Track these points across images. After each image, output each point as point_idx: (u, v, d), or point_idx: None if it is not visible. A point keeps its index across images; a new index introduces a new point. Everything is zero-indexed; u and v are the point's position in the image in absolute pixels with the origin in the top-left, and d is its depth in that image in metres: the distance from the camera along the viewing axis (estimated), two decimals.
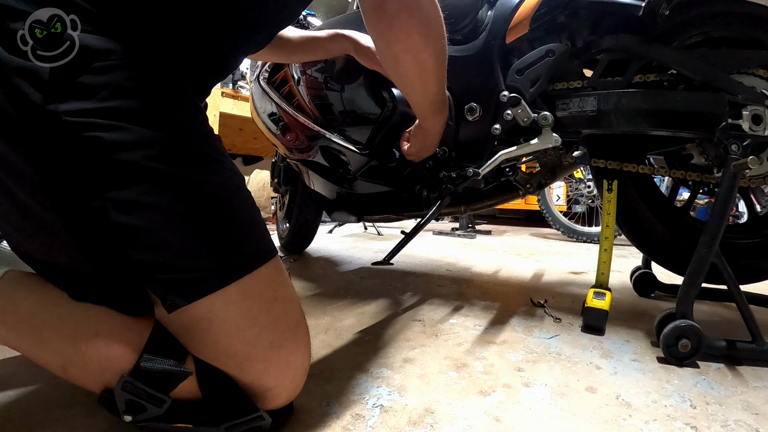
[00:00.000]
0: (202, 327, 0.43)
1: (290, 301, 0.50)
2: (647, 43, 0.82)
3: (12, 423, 0.51)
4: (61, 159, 0.40)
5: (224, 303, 0.44)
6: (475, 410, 0.57)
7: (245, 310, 0.45)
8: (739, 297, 0.73)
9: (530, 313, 1.02)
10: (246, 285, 0.45)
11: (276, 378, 0.47)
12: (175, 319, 0.44)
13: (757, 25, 0.84)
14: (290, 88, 1.21)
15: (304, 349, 0.50)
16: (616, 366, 0.72)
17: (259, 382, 0.46)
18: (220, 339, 0.44)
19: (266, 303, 0.47)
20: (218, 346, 0.44)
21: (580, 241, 2.56)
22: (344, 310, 1.01)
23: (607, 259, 0.93)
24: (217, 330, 0.44)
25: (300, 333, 0.50)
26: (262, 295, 0.46)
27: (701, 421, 0.55)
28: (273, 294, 0.47)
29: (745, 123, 0.75)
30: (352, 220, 1.34)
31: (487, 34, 0.95)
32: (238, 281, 0.44)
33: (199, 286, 0.42)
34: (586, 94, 0.88)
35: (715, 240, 0.73)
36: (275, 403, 0.48)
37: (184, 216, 0.42)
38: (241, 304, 0.44)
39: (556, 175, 1.08)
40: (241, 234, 0.47)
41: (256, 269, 0.46)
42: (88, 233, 0.41)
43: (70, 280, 0.47)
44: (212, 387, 0.44)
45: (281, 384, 0.47)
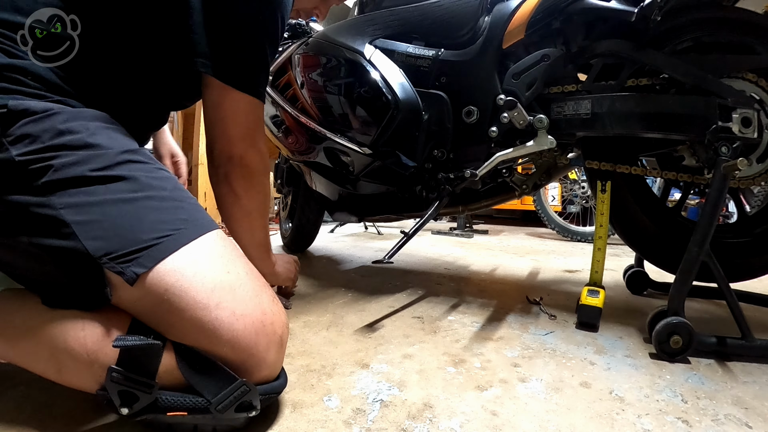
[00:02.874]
0: (164, 305, 0.45)
1: (245, 273, 0.51)
2: (640, 48, 0.83)
3: (19, 421, 0.51)
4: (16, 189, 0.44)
5: (177, 277, 0.45)
6: (473, 405, 0.57)
7: (199, 280, 0.46)
8: (729, 294, 0.73)
9: (526, 311, 1.02)
10: (195, 256, 0.47)
11: (247, 347, 0.47)
12: (140, 303, 0.45)
13: (746, 30, 0.84)
14: (294, 91, 1.21)
15: (271, 317, 0.50)
16: (610, 362, 0.72)
17: (232, 355, 0.46)
18: (183, 313, 0.45)
19: (220, 273, 0.48)
20: (184, 322, 0.45)
21: (574, 241, 2.56)
22: (345, 308, 1.01)
23: (600, 257, 0.93)
24: (178, 303, 0.45)
25: (263, 300, 0.50)
26: (213, 266, 0.48)
27: (692, 415, 0.55)
28: (224, 267, 0.49)
29: (735, 126, 0.76)
30: (353, 220, 1.34)
31: (484, 40, 0.95)
32: (183, 250, 0.46)
33: (152, 254, 0.45)
34: (580, 97, 0.88)
35: (706, 239, 0.73)
36: (259, 374, 0.48)
37: (128, 203, 0.47)
38: (194, 276, 0.46)
39: (551, 176, 1.08)
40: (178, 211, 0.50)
41: (198, 237, 0.48)
42: (48, 243, 0.44)
43: (45, 289, 0.48)
44: (192, 367, 0.45)
45: (254, 354, 0.47)
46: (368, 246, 2.17)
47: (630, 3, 0.80)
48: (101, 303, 0.46)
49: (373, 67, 1.02)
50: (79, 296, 0.46)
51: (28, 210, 0.44)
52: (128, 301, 0.46)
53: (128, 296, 0.45)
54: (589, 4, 0.83)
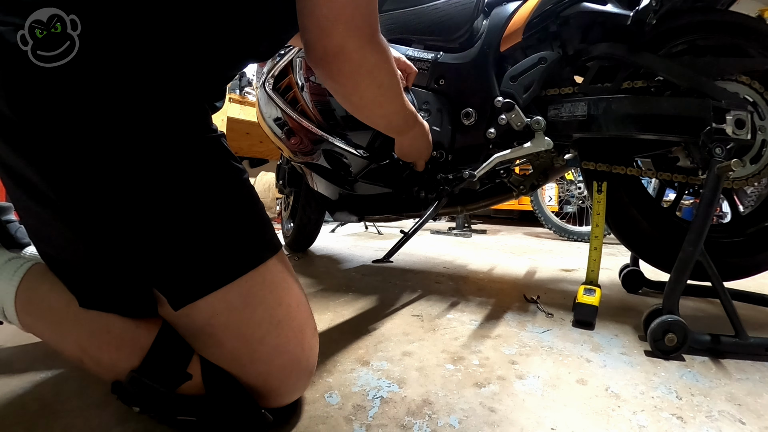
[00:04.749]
0: (205, 331, 0.44)
1: (296, 305, 0.49)
2: (635, 51, 0.83)
3: (27, 413, 0.51)
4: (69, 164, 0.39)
5: (226, 308, 0.43)
6: (471, 401, 0.57)
7: (248, 315, 0.44)
8: (723, 293, 0.73)
9: (523, 309, 1.02)
10: (248, 288, 0.44)
11: (279, 380, 0.46)
12: (181, 321, 0.44)
13: (739, 33, 0.84)
14: (294, 94, 1.21)
15: (308, 352, 0.49)
16: (606, 359, 0.72)
17: (262, 384, 0.46)
18: (223, 343, 0.44)
19: (270, 308, 0.45)
20: (222, 349, 0.44)
21: (571, 240, 2.56)
22: (346, 306, 1.01)
23: (596, 257, 0.93)
24: (220, 335, 0.43)
25: (305, 336, 0.49)
26: (264, 300, 0.45)
27: (687, 411, 0.55)
28: (277, 299, 0.46)
29: (729, 127, 0.76)
30: (353, 220, 1.34)
31: (482, 43, 0.95)
32: (238, 282, 0.43)
33: (201, 283, 0.42)
34: (577, 99, 0.88)
35: (700, 239, 0.73)
36: (279, 401, 0.48)
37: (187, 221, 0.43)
38: (244, 309, 0.44)
39: (548, 177, 1.08)
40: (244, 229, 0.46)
41: (257, 266, 0.45)
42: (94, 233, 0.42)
43: (79, 283, 0.46)
44: (215, 385, 0.44)
45: (284, 385, 0.47)
46: (368, 245, 2.17)
47: (625, 7, 0.80)
48: (144, 314, 0.45)
49: None
50: (122, 304, 0.45)
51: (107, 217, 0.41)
52: (170, 317, 0.45)
53: (171, 315, 0.44)
54: (585, 8, 0.83)
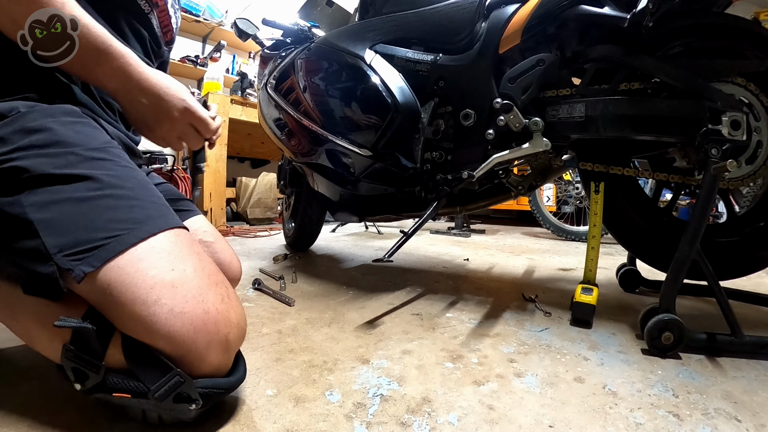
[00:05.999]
0: (108, 299, 0.46)
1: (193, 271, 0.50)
2: (632, 53, 0.83)
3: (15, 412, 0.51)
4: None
5: (120, 273, 0.46)
6: (470, 399, 0.57)
7: (140, 279, 0.46)
8: (719, 292, 0.73)
9: (522, 308, 1.02)
10: (137, 254, 0.47)
11: (186, 344, 0.46)
12: (89, 296, 0.47)
13: (735, 35, 0.84)
14: (297, 95, 1.21)
15: (215, 316, 0.48)
16: (603, 357, 0.72)
17: (171, 349, 0.46)
18: (123, 306, 0.46)
19: (162, 272, 0.48)
20: (124, 314, 0.46)
21: (568, 240, 2.56)
22: (347, 305, 1.01)
23: (594, 256, 0.93)
24: (119, 298, 0.46)
25: (207, 300, 0.49)
26: (157, 265, 0.48)
27: (683, 409, 0.55)
28: (169, 265, 0.49)
29: (725, 128, 0.76)
30: (354, 219, 1.34)
31: (481, 45, 0.95)
32: (131, 249, 0.47)
33: (100, 254, 0.46)
34: (574, 101, 0.88)
35: (697, 238, 0.73)
36: (199, 369, 0.47)
37: (85, 202, 0.48)
38: (135, 273, 0.46)
39: (546, 177, 1.08)
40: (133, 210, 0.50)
41: (148, 237, 0.49)
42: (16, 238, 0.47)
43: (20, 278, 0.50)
44: (134, 356, 0.46)
45: (194, 350, 0.47)
46: (369, 245, 2.17)
47: (623, 9, 0.80)
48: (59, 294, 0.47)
49: (373, 71, 1.02)
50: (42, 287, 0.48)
51: (2, 209, 0.47)
52: (81, 292, 0.48)
53: (79, 290, 0.47)
54: (583, 11, 0.83)
